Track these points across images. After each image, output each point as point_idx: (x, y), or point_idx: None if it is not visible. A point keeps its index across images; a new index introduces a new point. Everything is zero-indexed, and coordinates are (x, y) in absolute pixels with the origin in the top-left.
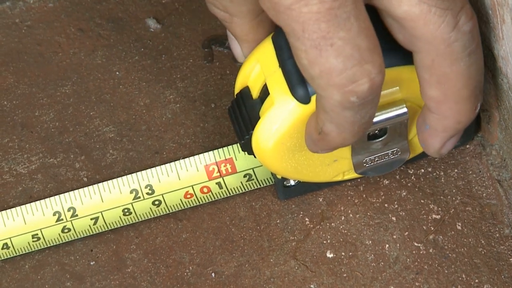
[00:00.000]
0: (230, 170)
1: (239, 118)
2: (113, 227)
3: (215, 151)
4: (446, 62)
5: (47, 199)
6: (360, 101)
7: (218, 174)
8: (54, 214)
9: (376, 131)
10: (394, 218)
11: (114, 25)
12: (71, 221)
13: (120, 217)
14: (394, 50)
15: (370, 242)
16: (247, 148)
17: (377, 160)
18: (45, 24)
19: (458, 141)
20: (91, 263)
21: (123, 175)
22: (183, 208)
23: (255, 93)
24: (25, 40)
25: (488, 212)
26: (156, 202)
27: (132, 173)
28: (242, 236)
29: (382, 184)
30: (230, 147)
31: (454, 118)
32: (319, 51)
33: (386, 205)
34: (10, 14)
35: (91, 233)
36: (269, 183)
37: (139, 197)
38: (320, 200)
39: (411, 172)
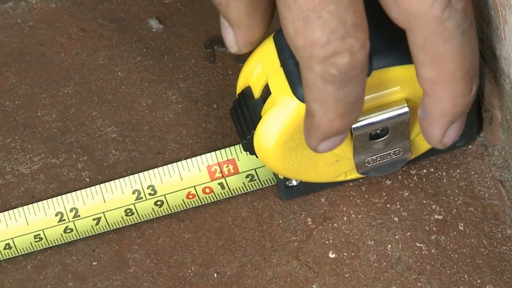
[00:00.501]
0: (232, 171)
1: (241, 118)
2: (115, 227)
3: (217, 151)
4: (439, 41)
5: (49, 200)
6: (341, 75)
7: (220, 174)
8: (56, 215)
9: (378, 131)
10: (396, 219)
11: (116, 25)
12: (73, 221)
13: (122, 217)
14: (396, 50)
15: (372, 242)
16: (249, 148)
17: (379, 160)
18: (47, 25)
19: (461, 142)
20: (93, 263)
21: (125, 176)
22: (185, 208)
23: (256, 93)
24: (27, 40)
25: (490, 212)
26: (158, 203)
27: (134, 173)
28: (244, 236)
29: (384, 185)
30: (232, 147)
31: (450, 100)
32: (306, 23)
33: (388, 205)
34: (12, 14)
35: (93, 233)
36: (271, 183)
37: (141, 198)
38: (322, 200)
39: (413, 172)
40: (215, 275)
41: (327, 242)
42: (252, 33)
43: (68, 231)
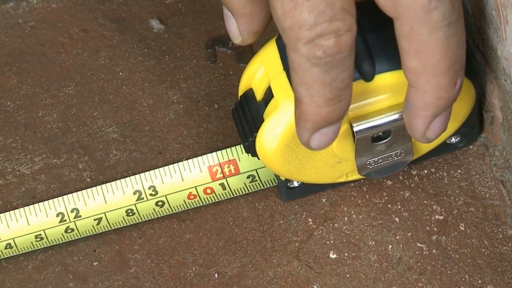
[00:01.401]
0: (233, 171)
1: (243, 120)
2: (116, 227)
3: (219, 152)
4: (425, 30)
5: (50, 201)
6: (327, 58)
7: (222, 175)
8: (57, 215)
9: (380, 133)
10: (397, 219)
11: (118, 25)
12: (74, 221)
13: (123, 217)
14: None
15: (373, 242)
16: (251, 150)
17: (380, 162)
18: (48, 25)
19: (462, 142)
20: (94, 263)
21: (126, 176)
22: (186, 208)
23: (259, 95)
24: (28, 41)
25: (491, 213)
26: (160, 203)
27: (135, 173)
28: (245, 236)
29: (385, 185)
30: (233, 148)
31: (434, 92)
32: (295, 4)
33: (389, 205)
34: (13, 15)
35: (94, 233)
36: (273, 184)
37: (143, 198)
38: (323, 200)
39: (414, 172)
40: (216, 275)
41: (328, 243)
42: (254, 21)
43: (69, 231)
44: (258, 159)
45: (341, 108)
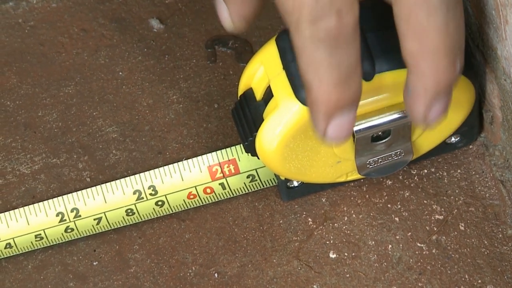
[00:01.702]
0: (233, 171)
1: (243, 119)
2: (116, 227)
3: (218, 152)
4: (423, 13)
5: (50, 200)
6: (330, 38)
7: (221, 175)
8: (57, 215)
9: (380, 133)
10: (397, 219)
11: (117, 25)
12: (74, 221)
13: (123, 217)
14: (399, 53)
15: (373, 242)
16: (251, 149)
17: (380, 162)
18: (48, 24)
19: (462, 142)
20: (94, 263)
21: (126, 175)
22: (186, 208)
23: (258, 95)
24: (28, 40)
25: (491, 212)
26: (159, 203)
27: (135, 173)
28: (245, 236)
29: (385, 185)
30: (233, 148)
31: (433, 76)
32: None
33: (389, 205)
34: (13, 14)
35: (94, 233)
36: (272, 183)
37: (142, 198)
38: (323, 200)
39: (414, 172)
40: (216, 275)
41: (327, 242)
42: (245, 6)
43: (69, 230)
44: (258, 158)
45: (351, 91)
